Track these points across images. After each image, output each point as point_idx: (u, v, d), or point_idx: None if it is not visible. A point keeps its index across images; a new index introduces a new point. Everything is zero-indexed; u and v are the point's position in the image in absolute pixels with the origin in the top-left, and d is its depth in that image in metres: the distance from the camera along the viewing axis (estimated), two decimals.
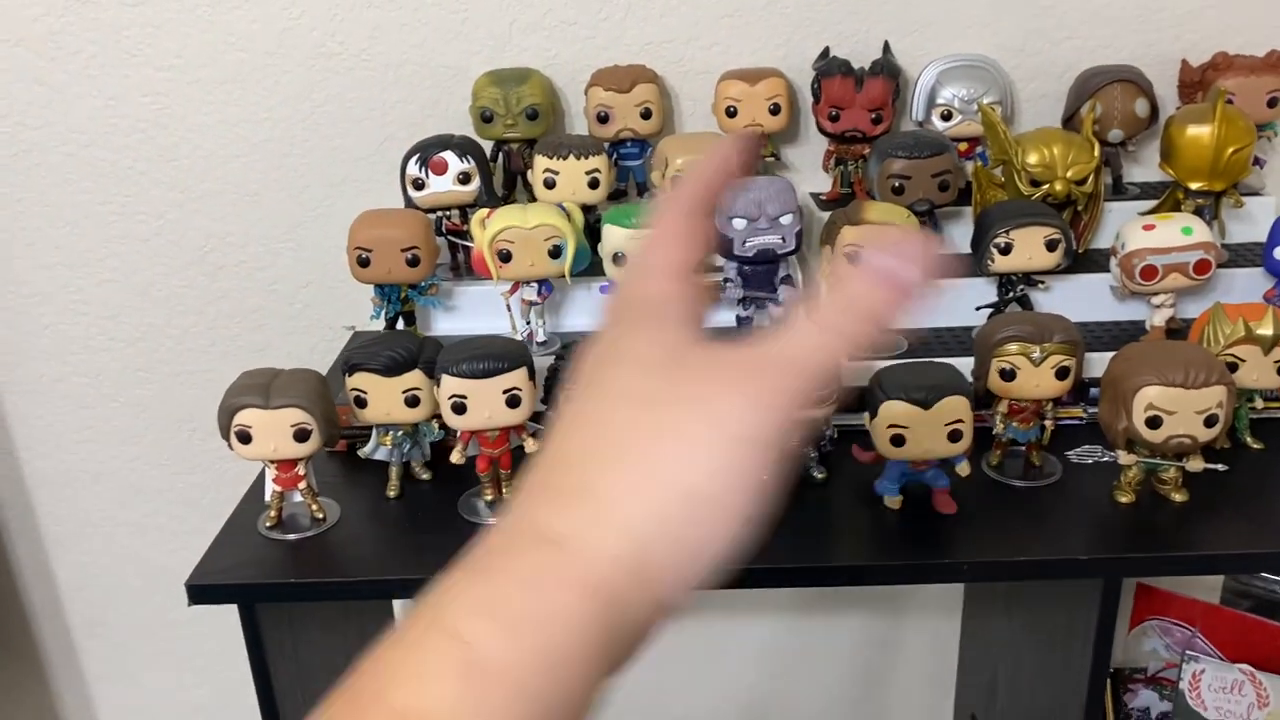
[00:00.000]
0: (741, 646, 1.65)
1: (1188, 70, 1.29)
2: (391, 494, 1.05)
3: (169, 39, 1.32)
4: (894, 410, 0.94)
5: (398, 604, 1.55)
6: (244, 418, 0.95)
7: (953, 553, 0.94)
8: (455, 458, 0.99)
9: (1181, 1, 1.30)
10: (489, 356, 0.94)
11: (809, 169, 1.37)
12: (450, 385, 0.95)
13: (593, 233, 1.16)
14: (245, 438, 0.95)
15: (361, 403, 1.01)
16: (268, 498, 1.02)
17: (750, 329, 1.15)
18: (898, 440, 0.95)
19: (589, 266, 1.16)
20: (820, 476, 1.05)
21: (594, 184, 1.19)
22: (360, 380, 1.00)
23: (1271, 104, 1.24)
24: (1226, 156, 1.15)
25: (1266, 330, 1.00)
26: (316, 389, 0.97)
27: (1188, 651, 1.26)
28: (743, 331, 1.15)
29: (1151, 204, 1.25)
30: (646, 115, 1.27)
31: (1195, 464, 0.96)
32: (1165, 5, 1.31)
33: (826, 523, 1.00)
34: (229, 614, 0.97)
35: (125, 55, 1.32)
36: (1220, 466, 0.97)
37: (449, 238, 1.23)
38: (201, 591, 0.95)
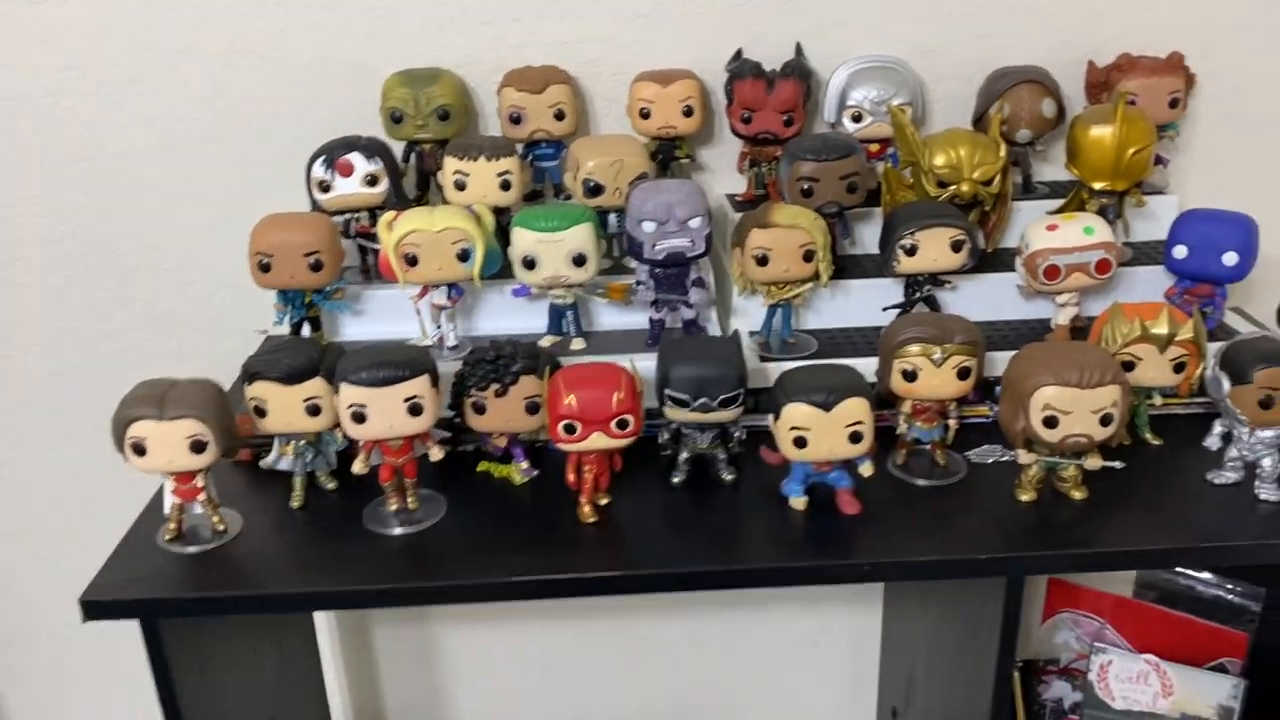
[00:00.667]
0: (663, 645, 1.65)
1: (1094, 71, 1.31)
2: (295, 504, 1.04)
3: (74, 38, 1.29)
4: (796, 412, 0.95)
5: (319, 616, 1.55)
6: (138, 429, 0.93)
7: (855, 553, 0.95)
8: (357, 468, 0.98)
9: (1090, 3, 1.32)
10: (389, 364, 0.93)
11: (724, 170, 1.37)
12: (349, 394, 0.93)
13: (505, 234, 1.15)
14: (140, 450, 0.94)
15: (262, 412, 0.99)
16: (167, 510, 1.00)
17: (662, 329, 1.15)
18: (800, 442, 0.96)
19: (501, 269, 1.15)
20: (729, 478, 1.05)
21: (506, 186, 1.18)
22: (260, 389, 0.99)
23: (1173, 104, 1.27)
24: (1128, 157, 1.17)
25: (1161, 329, 1.01)
26: (213, 399, 0.95)
27: (1096, 643, 1.28)
28: (655, 333, 1.15)
29: (1059, 203, 1.27)
30: (560, 116, 1.27)
31: (1093, 462, 0.98)
32: (1074, 7, 1.32)
33: (735, 525, 1.01)
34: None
35: (27, 55, 1.29)
36: (1117, 464, 0.99)
37: (357, 240, 1.22)
38: (97, 607, 0.93)
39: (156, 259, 1.40)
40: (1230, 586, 1.30)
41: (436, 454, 0.99)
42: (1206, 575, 1.32)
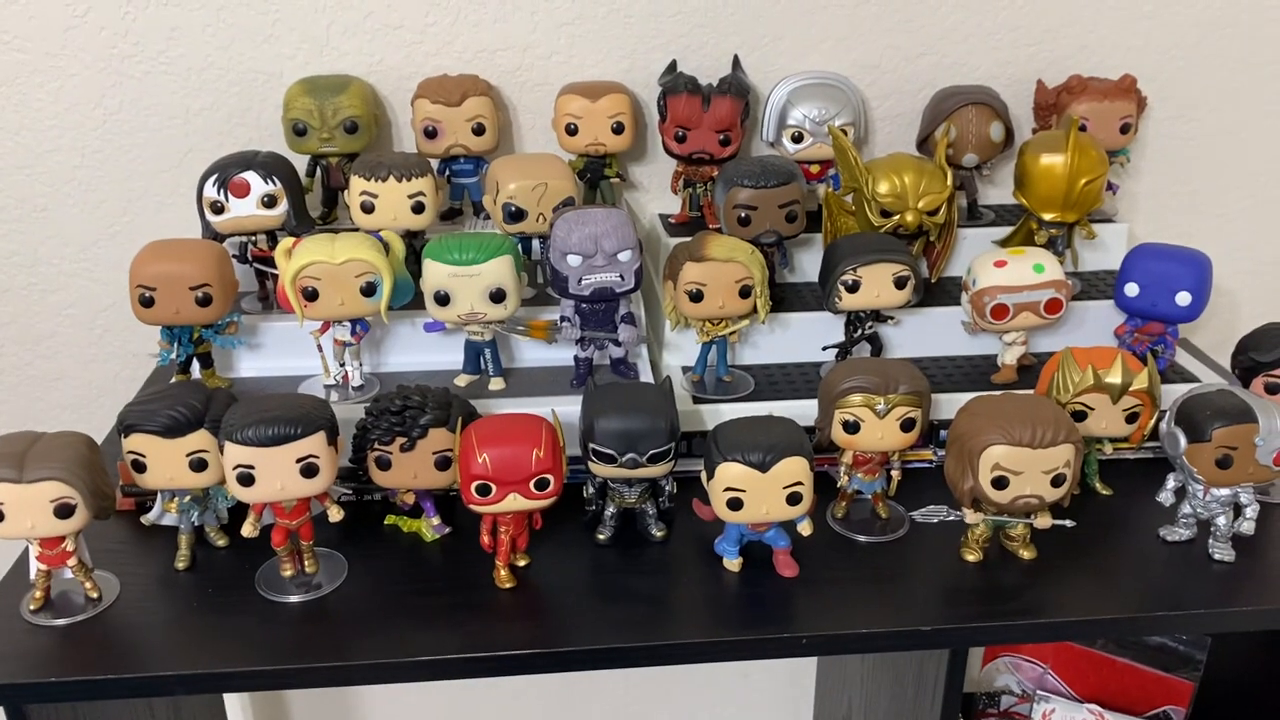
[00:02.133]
0: (595, 679, 1.58)
1: (1043, 91, 1.25)
2: (180, 565, 0.94)
3: None
4: (730, 472, 0.87)
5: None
6: None
7: (793, 622, 0.88)
8: (247, 530, 0.88)
9: (1038, 20, 1.26)
10: (278, 420, 0.83)
11: (657, 189, 1.29)
12: (235, 454, 0.84)
13: (419, 261, 1.05)
14: None
15: (140, 467, 0.89)
16: (33, 576, 0.89)
17: (589, 369, 1.07)
18: (735, 504, 0.88)
19: (415, 298, 1.05)
20: (660, 535, 0.98)
21: (418, 208, 1.08)
22: (138, 442, 0.88)
23: (1124, 129, 1.21)
24: (1080, 187, 1.11)
25: (1115, 379, 0.96)
26: (80, 456, 0.85)
27: (1039, 690, 1.24)
28: (581, 373, 1.07)
29: (1006, 230, 1.21)
30: (479, 131, 1.17)
31: (1043, 521, 0.92)
32: (1021, 23, 1.26)
33: (664, 590, 0.93)
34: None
35: None
36: (1068, 523, 0.93)
37: (255, 266, 1.11)
38: None
39: (32, 277, 1.28)
40: (1176, 635, 1.26)
41: (335, 515, 0.90)
42: None
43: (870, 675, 1.26)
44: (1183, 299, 1.06)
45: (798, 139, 1.21)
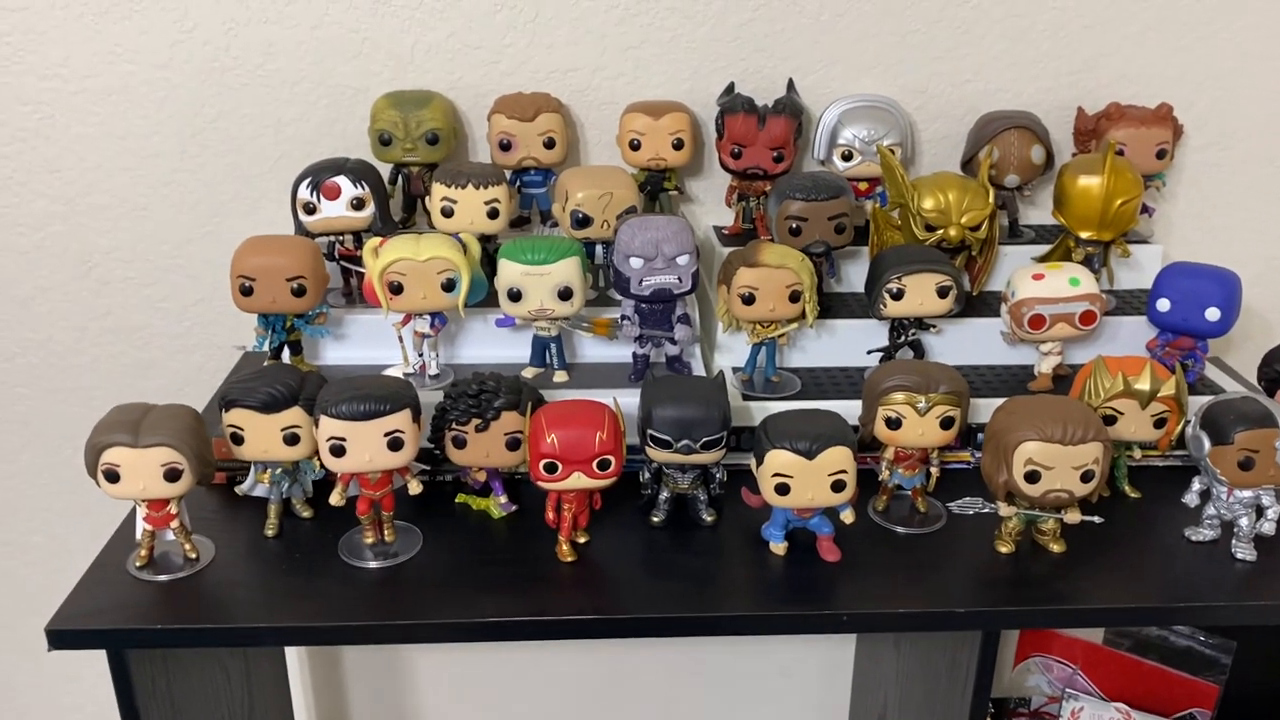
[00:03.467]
0: (637, 672, 1.64)
1: (1083, 118, 1.31)
2: (270, 533, 1.02)
3: (53, 47, 1.26)
4: (779, 459, 0.94)
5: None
6: (111, 456, 0.91)
7: (834, 602, 0.95)
8: (334, 499, 0.96)
9: (1079, 50, 1.33)
10: (370, 398, 0.92)
11: (712, 202, 1.37)
12: (329, 427, 0.92)
13: (492, 262, 1.14)
14: (113, 477, 0.92)
15: (238, 440, 0.98)
16: (139, 536, 0.98)
17: (646, 365, 1.15)
18: (782, 489, 0.95)
19: (486, 297, 1.14)
20: (710, 519, 1.05)
21: (493, 214, 1.17)
22: (237, 417, 0.97)
23: (1160, 155, 1.27)
24: (1115, 208, 1.17)
25: (1144, 385, 1.02)
26: (189, 426, 0.93)
27: (1068, 689, 1.29)
28: (639, 368, 1.14)
29: (1045, 248, 1.27)
30: (550, 145, 1.26)
31: (1073, 516, 0.98)
32: (1063, 53, 1.33)
33: (713, 569, 1.00)
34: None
35: (5, 62, 1.27)
36: (1097, 519, 0.99)
37: (341, 263, 1.20)
38: (63, 637, 0.91)
39: (130, 272, 1.37)
40: (1203, 638, 1.31)
41: (415, 488, 0.98)
42: (1179, 626, 1.32)
43: (904, 671, 1.32)
44: (1212, 314, 1.12)
45: (847, 157, 1.28)
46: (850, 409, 1.06)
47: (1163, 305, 1.14)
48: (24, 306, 1.39)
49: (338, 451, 0.92)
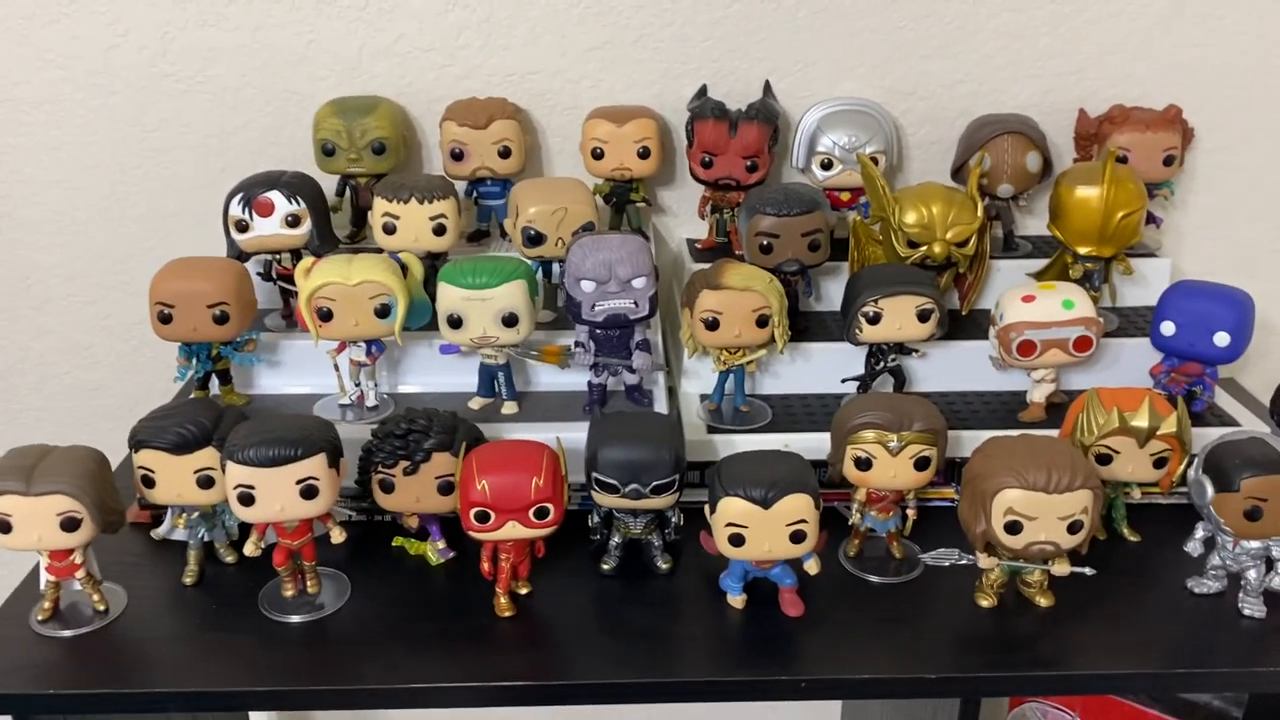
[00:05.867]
0: (611, 708, 1.56)
1: (1084, 121, 1.21)
2: (188, 581, 0.95)
3: None
4: (732, 507, 0.85)
5: None
6: (2, 505, 0.84)
7: (793, 664, 0.86)
8: (249, 549, 0.88)
9: (1080, 47, 1.23)
10: (280, 441, 0.84)
11: (686, 213, 1.28)
12: (235, 474, 0.84)
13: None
14: (5, 527, 0.84)
15: (149, 483, 0.90)
16: (42, 587, 0.91)
17: (603, 395, 1.06)
18: (737, 540, 0.86)
19: (433, 320, 1.05)
20: (665, 567, 0.96)
21: (440, 230, 1.09)
22: (147, 458, 0.89)
23: (1168, 162, 1.17)
24: (1116, 221, 1.07)
25: (1141, 422, 0.92)
26: (88, 471, 0.86)
27: None
28: (594, 398, 1.06)
29: (1042, 263, 1.17)
30: (505, 154, 1.17)
31: (1060, 568, 0.88)
32: (1063, 50, 1.23)
33: (667, 625, 0.91)
34: None
35: None
36: (1088, 570, 0.89)
37: (279, 284, 1.12)
38: None
39: (71, 289, 1.31)
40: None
41: (338, 536, 0.90)
42: None
43: (890, 714, 1.23)
44: (1221, 339, 1.02)
45: (827, 166, 1.19)
46: (825, 441, 0.97)
47: (1167, 329, 1.04)
48: None
49: (246, 500, 0.85)
